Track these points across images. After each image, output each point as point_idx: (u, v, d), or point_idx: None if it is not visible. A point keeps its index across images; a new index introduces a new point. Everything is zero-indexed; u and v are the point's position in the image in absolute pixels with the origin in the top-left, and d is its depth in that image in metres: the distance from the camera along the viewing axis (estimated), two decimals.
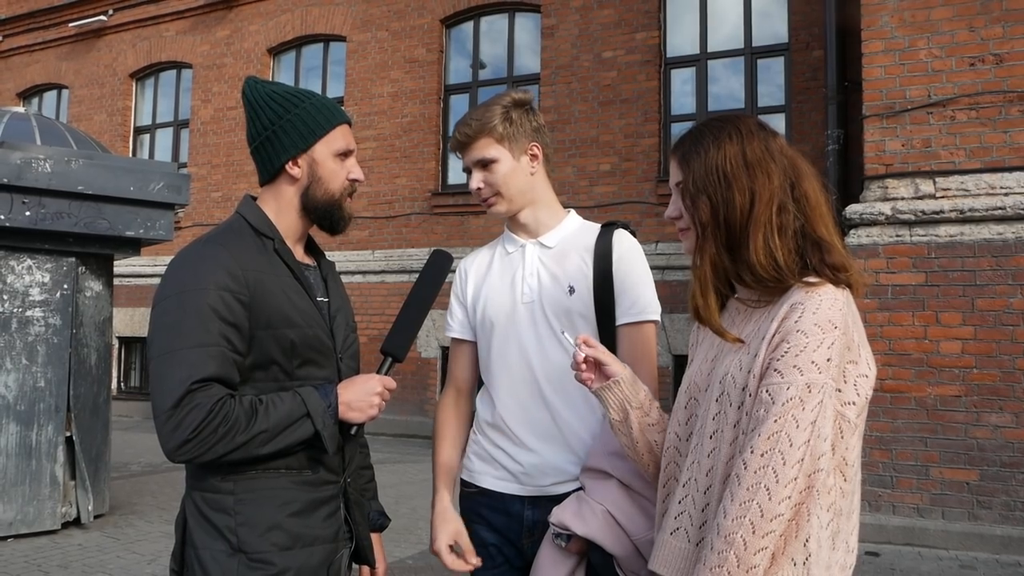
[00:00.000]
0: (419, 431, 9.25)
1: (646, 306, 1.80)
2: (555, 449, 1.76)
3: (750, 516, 1.17)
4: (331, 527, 1.61)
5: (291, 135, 1.62)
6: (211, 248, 1.55)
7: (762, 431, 1.20)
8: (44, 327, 5.18)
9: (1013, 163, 5.20)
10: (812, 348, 1.22)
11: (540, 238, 1.87)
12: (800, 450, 1.18)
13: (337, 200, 1.65)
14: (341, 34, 10.63)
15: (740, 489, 1.19)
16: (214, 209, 11.40)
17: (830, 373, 1.22)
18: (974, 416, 5.13)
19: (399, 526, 1.78)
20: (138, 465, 7.48)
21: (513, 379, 1.81)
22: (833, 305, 1.26)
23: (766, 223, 1.31)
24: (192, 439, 1.41)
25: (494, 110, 1.83)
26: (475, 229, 9.29)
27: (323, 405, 1.52)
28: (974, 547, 4.98)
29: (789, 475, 1.17)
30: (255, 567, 1.50)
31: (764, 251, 1.30)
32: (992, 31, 5.28)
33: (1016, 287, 5.12)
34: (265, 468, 1.52)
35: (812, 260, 1.31)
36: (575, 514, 1.58)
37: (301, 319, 1.57)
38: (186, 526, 1.56)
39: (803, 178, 1.35)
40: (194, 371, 1.42)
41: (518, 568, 1.80)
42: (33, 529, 5.03)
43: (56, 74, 13.24)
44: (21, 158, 4.79)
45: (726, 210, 1.33)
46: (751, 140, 1.36)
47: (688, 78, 8.86)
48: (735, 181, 1.33)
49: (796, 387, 1.20)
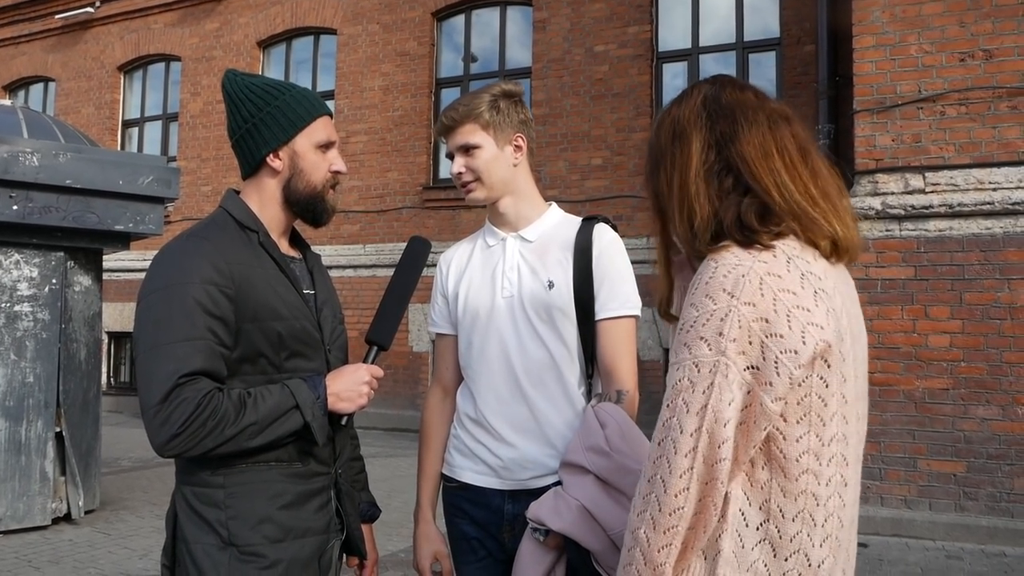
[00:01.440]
0: (411, 425, 9.25)
1: (626, 301, 1.80)
2: (534, 443, 1.77)
3: (650, 511, 1.09)
4: (322, 519, 1.61)
5: (271, 127, 1.61)
6: (195, 242, 1.55)
7: (660, 419, 1.11)
8: (33, 322, 5.15)
9: (1002, 158, 5.23)
10: (701, 322, 1.08)
11: (521, 231, 1.86)
12: (692, 437, 1.06)
13: (319, 192, 1.65)
14: (332, 27, 10.57)
15: (643, 481, 1.11)
16: (204, 203, 11.34)
17: (723, 348, 1.06)
18: (962, 409, 5.17)
19: (390, 520, 1.79)
20: (128, 460, 7.45)
21: (492, 374, 1.81)
22: (731, 271, 1.09)
23: (690, 193, 1.19)
24: (180, 433, 1.41)
25: (482, 97, 1.84)
26: (466, 223, 9.27)
27: (312, 396, 1.52)
28: (960, 538, 5.03)
29: (683, 465, 1.06)
30: (247, 560, 1.50)
31: (685, 219, 1.19)
32: (982, 27, 5.30)
33: (1004, 281, 5.16)
34: (255, 461, 1.52)
35: (726, 219, 1.15)
36: (551, 510, 1.58)
37: (287, 311, 1.57)
38: (176, 521, 1.56)
39: (740, 136, 1.19)
40: (181, 365, 1.42)
41: (500, 561, 1.81)
42: (23, 525, 5.01)
43: (43, 67, 13.12)
44: (8, 151, 4.75)
45: (657, 187, 1.25)
46: (685, 106, 1.24)
47: (680, 72, 8.87)
48: (662, 158, 1.24)
49: (684, 367, 1.08)
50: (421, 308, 9.29)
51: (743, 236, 1.13)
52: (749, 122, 1.20)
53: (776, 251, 1.12)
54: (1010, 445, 5.06)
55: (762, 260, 1.10)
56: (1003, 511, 5.05)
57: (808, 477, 1.10)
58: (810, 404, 1.09)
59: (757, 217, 1.14)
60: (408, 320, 9.60)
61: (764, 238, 1.12)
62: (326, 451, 1.62)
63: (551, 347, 1.78)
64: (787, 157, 1.19)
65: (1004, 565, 4.65)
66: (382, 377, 1.63)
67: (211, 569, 1.49)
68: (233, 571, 1.49)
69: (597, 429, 1.62)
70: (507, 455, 1.78)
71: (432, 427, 1.94)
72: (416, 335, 9.51)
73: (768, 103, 1.25)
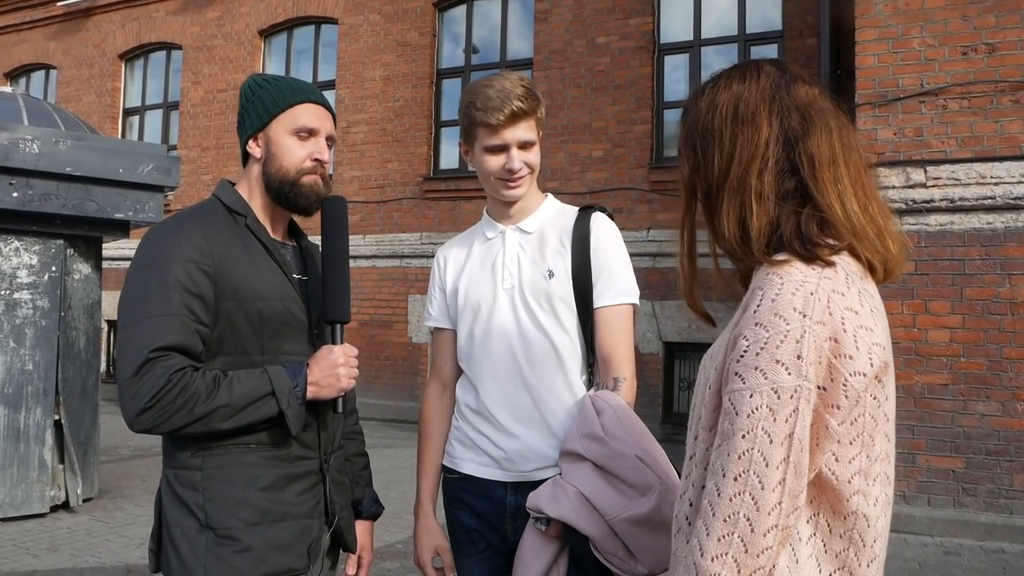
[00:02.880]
0: (410, 416, 9.26)
1: (623, 288, 1.80)
2: (537, 434, 1.77)
3: (732, 553, 0.99)
4: (306, 503, 1.60)
5: (251, 116, 1.67)
6: (176, 222, 1.58)
7: (731, 449, 1.01)
8: (32, 310, 5.15)
9: (1004, 152, 5.22)
10: (775, 344, 1.00)
11: (519, 223, 1.87)
12: (779, 470, 0.99)
13: (291, 177, 1.64)
14: (333, 16, 10.54)
15: (715, 521, 1.00)
16: (204, 192, 11.32)
17: (805, 373, 1.00)
18: (961, 404, 5.17)
19: (388, 511, 1.80)
20: (127, 449, 7.46)
21: (495, 365, 1.81)
22: (799, 288, 1.02)
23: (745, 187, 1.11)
24: (150, 408, 1.42)
25: (529, 91, 1.79)
26: (466, 214, 9.26)
27: (289, 384, 1.52)
28: (959, 534, 5.04)
29: (771, 501, 0.98)
30: (222, 543, 1.50)
31: (736, 218, 1.11)
32: (985, 20, 5.28)
33: (1004, 276, 5.15)
34: (235, 443, 1.52)
35: (786, 230, 1.08)
36: (549, 497, 1.58)
37: (269, 292, 1.57)
38: (161, 504, 1.57)
39: (813, 135, 1.12)
40: (153, 339, 1.44)
41: (501, 553, 1.81)
42: (21, 512, 5.02)
43: (44, 54, 13.09)
44: (8, 138, 4.73)
45: (705, 170, 1.15)
46: (752, 87, 1.15)
47: (681, 64, 8.84)
48: (717, 137, 1.13)
49: (762, 394, 1.00)
50: (420, 299, 9.29)
51: (805, 250, 1.06)
52: (822, 123, 1.13)
53: (837, 267, 1.06)
54: (1009, 441, 5.06)
55: (827, 277, 1.05)
56: (1002, 507, 5.05)
57: (859, 498, 1.06)
58: (864, 424, 1.06)
59: (817, 230, 1.08)
60: (407, 311, 9.60)
61: (825, 253, 1.06)
62: (311, 436, 1.61)
63: (553, 336, 1.78)
64: (852, 168, 1.13)
65: (1002, 561, 4.65)
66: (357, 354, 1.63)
67: (189, 552, 1.49)
68: (210, 554, 1.49)
69: (593, 416, 1.62)
70: (510, 446, 1.78)
71: (431, 421, 1.94)
72: (415, 326, 9.51)
73: (835, 106, 1.18)
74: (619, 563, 1.52)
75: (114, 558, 4.37)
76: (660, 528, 1.49)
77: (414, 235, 9.78)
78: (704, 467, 1.10)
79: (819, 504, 1.06)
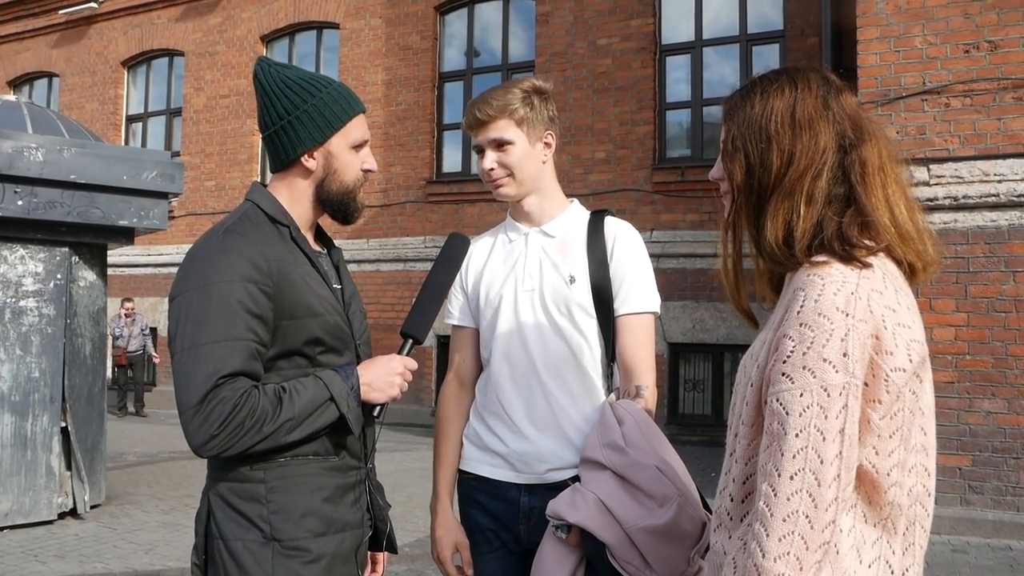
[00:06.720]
0: (415, 419, 9.27)
1: (646, 297, 1.81)
2: (551, 437, 1.77)
3: (795, 552, 1.02)
4: (356, 513, 1.61)
5: (308, 127, 1.58)
6: (232, 239, 1.51)
7: (785, 449, 1.04)
8: (38, 317, 5.17)
9: (1007, 150, 5.21)
10: (820, 343, 1.04)
11: (543, 227, 1.87)
12: (833, 466, 1.03)
13: (351, 192, 1.63)
14: (334, 21, 10.57)
15: (774, 521, 1.03)
16: (207, 198, 11.35)
17: (852, 370, 1.03)
18: (967, 402, 5.16)
19: (396, 514, 1.80)
20: (134, 455, 7.48)
21: (512, 366, 1.82)
22: (841, 289, 1.06)
23: (797, 190, 1.14)
24: (219, 434, 1.40)
25: (515, 93, 1.82)
26: (470, 218, 9.27)
27: (346, 388, 1.51)
28: (966, 532, 5.03)
29: (828, 497, 1.02)
30: (291, 555, 1.49)
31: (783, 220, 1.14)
32: (987, 18, 5.27)
33: (1009, 274, 5.14)
34: (295, 455, 1.52)
35: (828, 231, 1.12)
36: (569, 503, 1.59)
37: (322, 307, 1.56)
38: (211, 519, 1.53)
39: (865, 143, 1.16)
40: (221, 366, 1.41)
41: (515, 553, 1.81)
42: (29, 519, 5.03)
43: (47, 62, 13.14)
44: (13, 147, 4.76)
45: (761, 172, 1.17)
46: (806, 95, 1.17)
47: (683, 65, 8.84)
48: (776, 140, 1.16)
49: (811, 393, 1.03)
50: None
51: (843, 251, 1.10)
52: (869, 131, 1.17)
53: (874, 267, 1.10)
54: (1016, 439, 5.05)
55: (865, 277, 1.08)
56: (1009, 505, 5.04)
57: (896, 490, 1.10)
58: (903, 419, 1.09)
59: (858, 231, 1.12)
60: None
61: (863, 253, 1.10)
62: (358, 445, 1.61)
63: (571, 341, 1.78)
64: (896, 173, 1.18)
65: (1010, 559, 4.64)
66: (416, 370, 1.63)
67: (254, 565, 1.47)
68: (278, 566, 1.48)
69: (615, 425, 1.63)
70: (523, 448, 1.78)
71: (449, 418, 1.94)
72: None
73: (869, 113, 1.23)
74: (634, 571, 1.53)
75: (122, 564, 4.38)
76: (677, 539, 1.51)
77: (417, 239, 9.79)
78: (744, 462, 1.13)
79: (857, 496, 1.09)
